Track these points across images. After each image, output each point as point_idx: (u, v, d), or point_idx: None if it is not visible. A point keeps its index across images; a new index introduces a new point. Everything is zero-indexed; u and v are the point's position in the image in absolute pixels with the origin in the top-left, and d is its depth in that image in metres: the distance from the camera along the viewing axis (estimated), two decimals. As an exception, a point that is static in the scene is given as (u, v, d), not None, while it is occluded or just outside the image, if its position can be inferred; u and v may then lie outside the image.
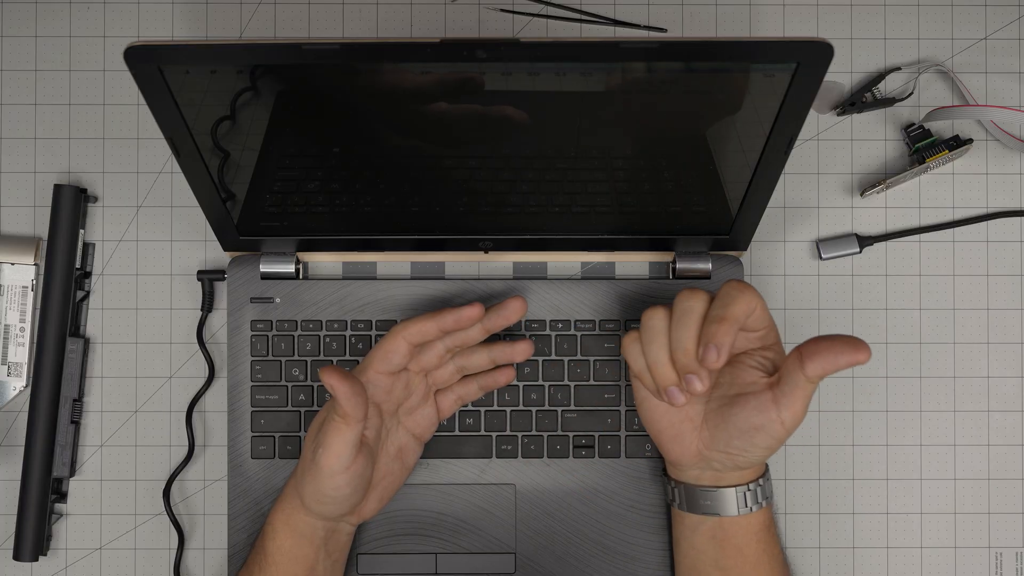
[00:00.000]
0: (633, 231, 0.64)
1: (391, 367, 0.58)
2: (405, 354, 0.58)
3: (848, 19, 0.68)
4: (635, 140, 0.58)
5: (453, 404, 0.63)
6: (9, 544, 0.66)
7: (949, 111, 0.65)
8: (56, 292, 0.65)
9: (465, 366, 0.62)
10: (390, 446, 0.61)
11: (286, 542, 0.58)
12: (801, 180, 0.68)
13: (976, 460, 0.67)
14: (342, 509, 0.58)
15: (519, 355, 0.61)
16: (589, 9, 0.68)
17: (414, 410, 0.61)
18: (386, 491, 0.61)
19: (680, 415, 0.58)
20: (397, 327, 0.58)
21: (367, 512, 0.61)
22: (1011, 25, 0.68)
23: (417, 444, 0.62)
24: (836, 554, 0.67)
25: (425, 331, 0.58)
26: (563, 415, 0.65)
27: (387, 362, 0.58)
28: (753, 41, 0.50)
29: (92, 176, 0.68)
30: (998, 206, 0.68)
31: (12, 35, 0.68)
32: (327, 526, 0.59)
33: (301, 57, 0.50)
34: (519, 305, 0.59)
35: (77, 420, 0.66)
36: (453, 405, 0.63)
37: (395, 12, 0.68)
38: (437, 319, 0.58)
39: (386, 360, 0.58)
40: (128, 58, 0.50)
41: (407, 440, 0.61)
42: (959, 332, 0.68)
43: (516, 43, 0.49)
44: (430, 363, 0.60)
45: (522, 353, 0.61)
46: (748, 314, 0.53)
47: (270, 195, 0.61)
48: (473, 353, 0.61)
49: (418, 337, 0.58)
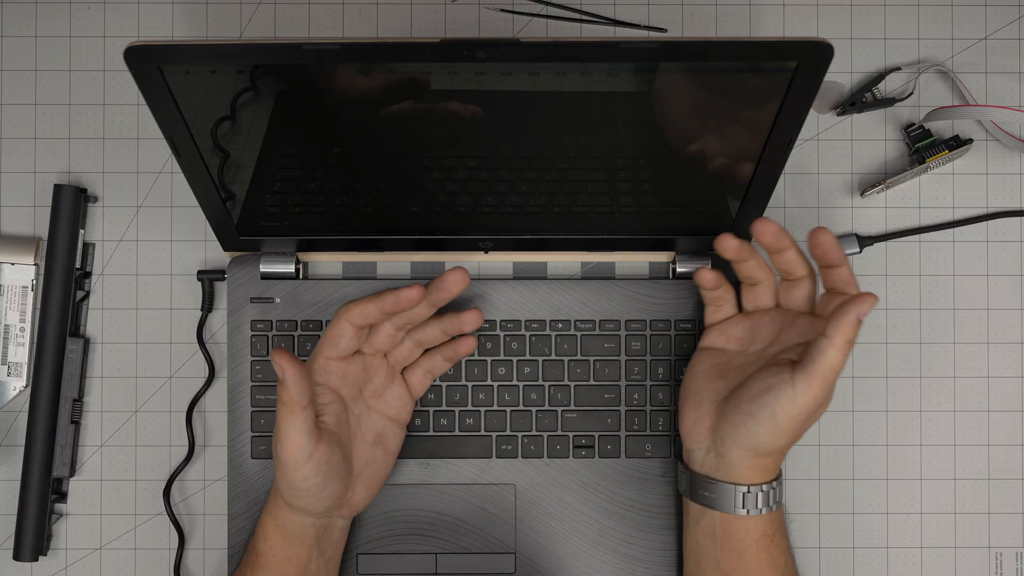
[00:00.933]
0: (633, 231, 0.64)
1: (340, 351, 0.58)
2: (352, 336, 0.58)
3: (848, 19, 0.68)
4: (635, 140, 0.58)
5: (423, 379, 0.62)
6: (9, 544, 0.66)
7: (949, 111, 0.65)
8: (56, 292, 0.65)
9: (421, 340, 0.61)
10: (366, 432, 0.60)
11: (277, 543, 0.58)
12: (801, 180, 0.68)
13: (976, 460, 0.67)
14: (323, 502, 0.57)
15: (467, 325, 0.61)
16: (589, 9, 0.68)
17: (382, 391, 0.61)
18: (373, 479, 0.61)
19: (711, 382, 0.59)
20: (341, 310, 0.58)
21: (357, 503, 0.60)
22: (1011, 25, 0.68)
23: (396, 427, 0.62)
24: (836, 554, 0.67)
25: (367, 313, 0.58)
26: (563, 415, 0.65)
27: (335, 346, 0.58)
28: (753, 41, 0.50)
29: (92, 176, 0.68)
30: (998, 206, 0.68)
31: (12, 35, 0.68)
32: (317, 523, 0.58)
33: (301, 57, 0.50)
34: (458, 277, 0.58)
35: (77, 420, 0.66)
36: (423, 380, 0.62)
37: (395, 12, 0.68)
38: (377, 302, 0.58)
39: (334, 344, 0.58)
40: (128, 58, 0.50)
41: (384, 424, 0.61)
42: (959, 332, 0.68)
43: (516, 43, 0.49)
44: (382, 344, 0.60)
45: (470, 323, 0.61)
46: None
47: (270, 195, 0.61)
48: (426, 327, 0.61)
49: (360, 319, 0.58)
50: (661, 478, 0.65)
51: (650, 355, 0.65)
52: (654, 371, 0.65)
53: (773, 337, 0.59)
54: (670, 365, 0.65)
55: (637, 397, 0.65)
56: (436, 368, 0.63)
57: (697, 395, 0.59)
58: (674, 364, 0.65)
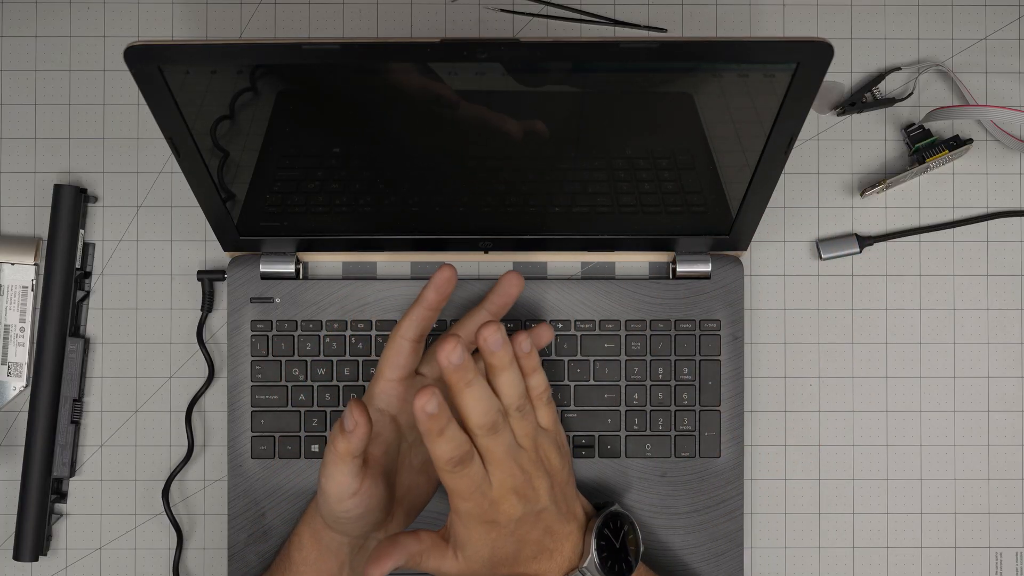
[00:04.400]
0: (633, 231, 0.64)
1: (401, 370, 0.58)
2: (410, 353, 0.58)
3: (848, 19, 0.68)
4: (635, 140, 0.58)
5: None
6: (9, 544, 0.66)
7: (949, 111, 0.65)
8: (56, 292, 0.65)
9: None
10: (414, 459, 0.59)
11: (311, 553, 0.58)
12: (801, 180, 0.68)
13: (976, 460, 0.67)
14: (362, 528, 0.57)
15: (542, 340, 0.58)
16: (589, 9, 0.68)
17: None
18: (413, 506, 0.59)
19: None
20: (392, 332, 0.58)
21: (394, 528, 0.59)
22: (1011, 25, 0.68)
23: None
24: (836, 554, 0.67)
25: (416, 319, 0.57)
26: (563, 415, 0.65)
27: (396, 366, 0.58)
28: (753, 41, 0.50)
29: (92, 176, 0.68)
30: (998, 206, 0.68)
31: (12, 35, 0.68)
32: (353, 543, 0.58)
33: (301, 57, 0.50)
34: (515, 279, 0.57)
35: (77, 420, 0.66)
36: None
37: (395, 12, 0.68)
38: (419, 301, 0.57)
39: (394, 365, 0.58)
40: (128, 58, 0.50)
41: None
42: (959, 332, 0.68)
43: (516, 43, 0.49)
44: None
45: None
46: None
47: (270, 195, 0.61)
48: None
49: (413, 329, 0.57)
50: (661, 478, 0.65)
51: (650, 355, 0.65)
52: (654, 371, 0.65)
53: None
54: (670, 365, 0.65)
55: (637, 397, 0.65)
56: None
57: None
58: (674, 364, 0.65)
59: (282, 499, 0.64)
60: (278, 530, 0.64)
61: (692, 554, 0.64)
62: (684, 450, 0.65)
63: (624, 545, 0.57)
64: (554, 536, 0.55)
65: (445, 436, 0.50)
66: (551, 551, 0.55)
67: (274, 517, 0.64)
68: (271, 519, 0.64)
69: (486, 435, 0.51)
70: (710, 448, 0.65)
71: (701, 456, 0.65)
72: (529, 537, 0.54)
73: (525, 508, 0.53)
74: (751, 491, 0.67)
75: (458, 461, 0.51)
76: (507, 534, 0.54)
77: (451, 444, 0.51)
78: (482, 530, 0.53)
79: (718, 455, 0.65)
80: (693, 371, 0.65)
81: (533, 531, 0.54)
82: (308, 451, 0.65)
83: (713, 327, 0.65)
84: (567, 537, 0.56)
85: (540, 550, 0.55)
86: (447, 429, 0.50)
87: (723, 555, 0.65)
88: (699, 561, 0.64)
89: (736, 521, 0.65)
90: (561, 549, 0.55)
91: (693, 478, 0.65)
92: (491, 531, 0.53)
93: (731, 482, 0.65)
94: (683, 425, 0.65)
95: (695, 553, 0.65)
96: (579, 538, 0.56)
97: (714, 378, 0.65)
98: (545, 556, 0.55)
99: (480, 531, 0.53)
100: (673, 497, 0.65)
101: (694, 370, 0.65)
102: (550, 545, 0.55)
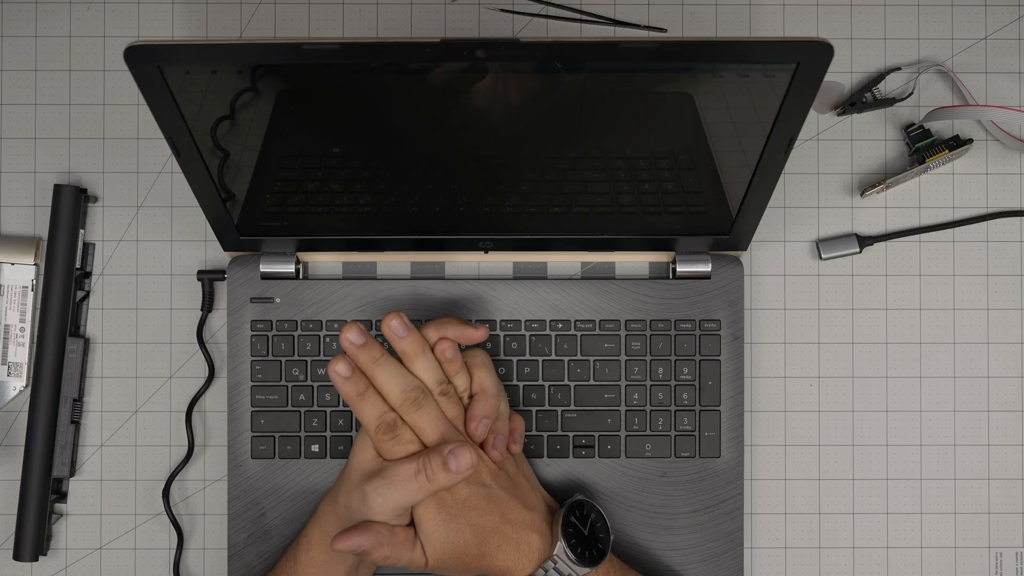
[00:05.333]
0: (633, 231, 0.64)
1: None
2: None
3: (848, 19, 0.68)
4: (635, 140, 0.58)
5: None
6: (9, 544, 0.66)
7: (949, 111, 0.65)
8: (56, 292, 0.65)
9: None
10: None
11: (319, 556, 0.58)
12: (801, 180, 0.68)
13: (976, 460, 0.67)
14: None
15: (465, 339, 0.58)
16: (589, 9, 0.68)
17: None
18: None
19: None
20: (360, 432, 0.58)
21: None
22: (1011, 25, 0.68)
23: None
24: (836, 554, 0.67)
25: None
26: (563, 415, 0.65)
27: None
28: (753, 41, 0.50)
29: (92, 176, 0.68)
30: (998, 206, 0.68)
31: (12, 35, 0.68)
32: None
33: (301, 57, 0.50)
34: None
35: (77, 420, 0.66)
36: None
37: (395, 12, 0.68)
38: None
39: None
40: (128, 58, 0.50)
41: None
42: (959, 332, 0.68)
43: (516, 43, 0.49)
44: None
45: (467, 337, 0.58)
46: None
47: (270, 195, 0.61)
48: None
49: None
50: (661, 478, 0.65)
51: (650, 355, 0.65)
52: (654, 371, 0.65)
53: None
54: (670, 365, 0.65)
55: (637, 397, 0.65)
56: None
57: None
58: (674, 364, 0.65)
59: (282, 499, 0.65)
60: (278, 530, 0.64)
61: (692, 554, 0.65)
62: (684, 450, 0.65)
63: (593, 532, 0.58)
64: (513, 524, 0.56)
65: (366, 400, 0.54)
66: (516, 542, 0.55)
67: (274, 517, 0.64)
68: (271, 519, 0.64)
69: (409, 411, 0.54)
70: (710, 448, 0.65)
71: (701, 456, 0.65)
72: (485, 524, 0.55)
73: (469, 489, 0.55)
74: (751, 491, 0.67)
75: (387, 427, 0.53)
76: (460, 519, 0.55)
77: (375, 409, 0.54)
78: (436, 516, 0.55)
79: (718, 455, 0.65)
80: (693, 371, 0.65)
81: (487, 517, 0.55)
82: (308, 451, 0.65)
83: (713, 327, 0.65)
84: (530, 527, 0.56)
85: (503, 540, 0.55)
86: (367, 394, 0.54)
87: (723, 555, 0.65)
88: (699, 561, 0.65)
89: (736, 521, 0.65)
90: (527, 540, 0.56)
91: (693, 478, 0.65)
92: (443, 515, 0.55)
93: (731, 482, 0.65)
94: (683, 425, 0.65)
95: (695, 553, 0.65)
96: (546, 529, 0.56)
97: (714, 378, 0.65)
98: (511, 547, 0.55)
99: (435, 517, 0.55)
100: (673, 497, 0.65)
101: (694, 370, 0.65)
102: (512, 535, 0.55)
